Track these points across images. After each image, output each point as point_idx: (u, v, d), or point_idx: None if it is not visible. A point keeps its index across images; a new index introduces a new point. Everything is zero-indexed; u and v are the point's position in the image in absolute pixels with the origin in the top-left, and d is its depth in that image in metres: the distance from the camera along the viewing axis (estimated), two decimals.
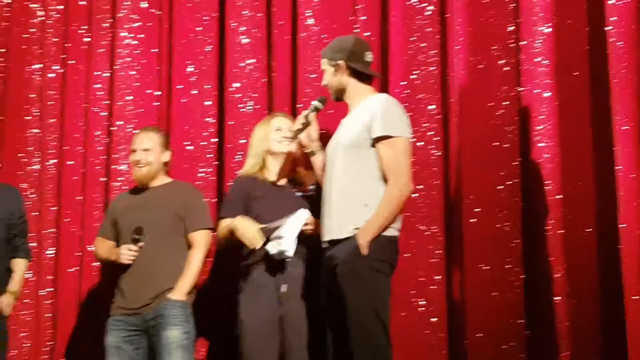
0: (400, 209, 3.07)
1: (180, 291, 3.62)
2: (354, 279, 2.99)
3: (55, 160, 4.47)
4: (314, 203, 3.43)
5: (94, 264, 4.27)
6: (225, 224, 3.56)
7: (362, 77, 3.24)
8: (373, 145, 3.08)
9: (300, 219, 3.35)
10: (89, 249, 4.27)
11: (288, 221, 3.34)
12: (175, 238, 3.71)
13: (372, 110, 3.10)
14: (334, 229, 3.10)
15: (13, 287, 3.83)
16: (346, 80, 3.23)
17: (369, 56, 3.27)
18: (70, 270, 4.30)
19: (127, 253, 3.67)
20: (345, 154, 3.12)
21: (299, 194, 3.55)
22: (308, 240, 3.42)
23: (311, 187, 3.45)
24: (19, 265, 3.87)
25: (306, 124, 3.36)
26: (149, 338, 3.65)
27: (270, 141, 3.60)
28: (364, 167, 3.08)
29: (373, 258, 2.99)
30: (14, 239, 3.86)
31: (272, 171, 3.62)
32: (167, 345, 3.56)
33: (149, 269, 3.65)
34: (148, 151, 3.78)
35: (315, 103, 3.37)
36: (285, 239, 3.32)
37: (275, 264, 3.42)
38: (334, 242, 3.10)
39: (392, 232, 3.08)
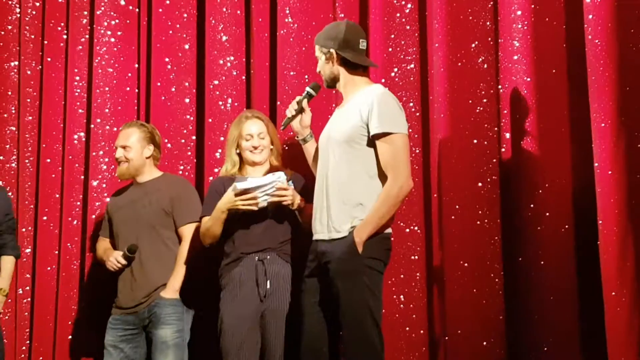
0: (398, 206, 3.06)
1: (172, 288, 3.64)
2: (349, 277, 2.97)
3: (33, 158, 4.44)
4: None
5: (74, 261, 4.25)
6: (206, 219, 3.53)
7: (355, 66, 3.17)
8: (370, 142, 3.05)
9: (274, 178, 3.33)
10: (68, 246, 4.26)
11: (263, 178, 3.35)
12: (165, 233, 3.72)
13: (368, 105, 3.04)
14: (331, 227, 3.06)
15: (1, 284, 3.82)
16: (337, 70, 3.17)
17: (363, 44, 3.18)
18: (48, 268, 4.28)
19: (114, 262, 3.70)
20: (340, 149, 3.08)
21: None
22: (295, 240, 3.43)
23: (289, 183, 3.44)
24: (7, 263, 3.87)
25: (299, 111, 3.30)
26: (146, 335, 3.66)
27: (242, 147, 3.59)
28: (360, 164, 3.05)
29: (369, 256, 2.98)
30: (1, 236, 3.85)
31: (250, 170, 3.61)
32: (160, 344, 3.60)
33: (141, 268, 3.68)
34: (127, 148, 3.78)
35: (308, 89, 3.33)
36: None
37: (257, 263, 3.42)
38: (329, 240, 3.07)
39: (386, 230, 3.07)
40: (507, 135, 3.61)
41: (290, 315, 3.40)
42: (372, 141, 3.04)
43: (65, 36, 4.52)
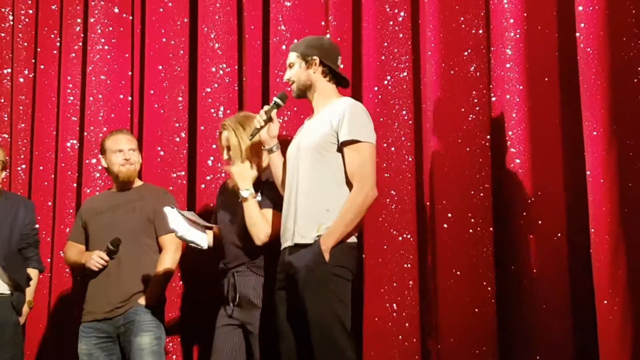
0: (362, 214, 3.08)
1: (151, 296, 3.61)
2: (317, 285, 2.97)
3: (25, 166, 4.44)
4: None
5: (66, 269, 4.25)
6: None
7: (331, 78, 3.25)
8: (339, 150, 3.09)
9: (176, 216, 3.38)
10: (60, 254, 4.25)
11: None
12: (145, 241, 3.71)
13: (339, 114, 3.09)
14: (297, 233, 3.08)
15: (28, 297, 3.85)
16: (315, 78, 3.22)
17: (339, 62, 3.29)
18: (40, 276, 4.26)
19: (97, 260, 3.65)
20: (311, 157, 3.11)
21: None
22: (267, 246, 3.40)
23: (258, 197, 3.44)
24: (33, 276, 3.89)
25: (267, 121, 3.28)
26: (120, 344, 3.63)
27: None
28: (328, 171, 3.08)
29: (335, 264, 2.99)
30: (27, 249, 3.86)
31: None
32: (138, 352, 3.57)
33: (118, 273, 3.65)
34: (133, 151, 3.79)
35: (276, 99, 3.31)
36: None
37: (227, 274, 3.43)
38: (295, 247, 3.07)
39: (352, 238, 3.08)
40: (500, 143, 3.60)
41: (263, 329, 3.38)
42: (340, 149, 3.09)
43: (58, 44, 4.53)
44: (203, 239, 3.43)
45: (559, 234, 3.43)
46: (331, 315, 2.95)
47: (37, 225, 3.99)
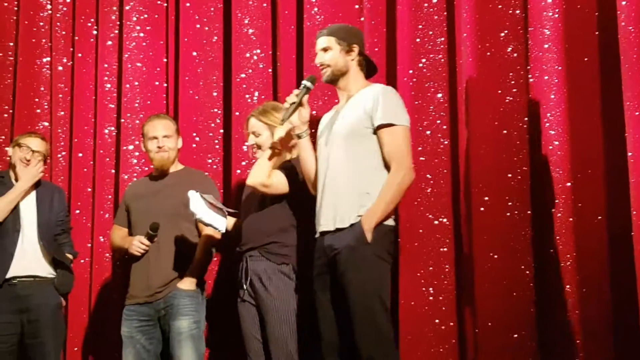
0: (401, 196, 3.08)
1: (190, 280, 3.65)
2: (360, 265, 2.98)
3: (65, 153, 4.50)
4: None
5: (105, 254, 4.31)
6: None
7: (363, 68, 3.27)
8: (374, 134, 3.09)
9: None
10: (100, 239, 4.31)
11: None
12: (184, 225, 3.72)
13: (373, 99, 3.10)
14: (337, 218, 3.07)
15: None
16: (352, 65, 3.24)
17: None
18: (82, 261, 4.33)
19: (138, 245, 3.69)
20: (346, 143, 3.11)
21: None
22: None
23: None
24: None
25: (298, 104, 3.23)
26: (161, 327, 3.68)
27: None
28: (365, 156, 3.08)
29: (377, 245, 3.00)
30: (61, 235, 3.93)
31: None
32: (177, 335, 3.61)
33: (158, 258, 3.69)
34: (168, 137, 3.80)
35: (306, 83, 3.27)
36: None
37: (242, 257, 3.47)
38: (336, 231, 3.07)
39: (390, 221, 3.09)
40: (537, 125, 3.55)
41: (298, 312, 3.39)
42: (375, 133, 3.09)
43: (95, 32, 4.57)
44: (222, 223, 3.44)
45: (599, 217, 3.39)
46: (373, 295, 2.97)
47: (68, 212, 4.07)
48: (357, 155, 3.09)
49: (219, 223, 3.45)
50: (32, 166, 3.81)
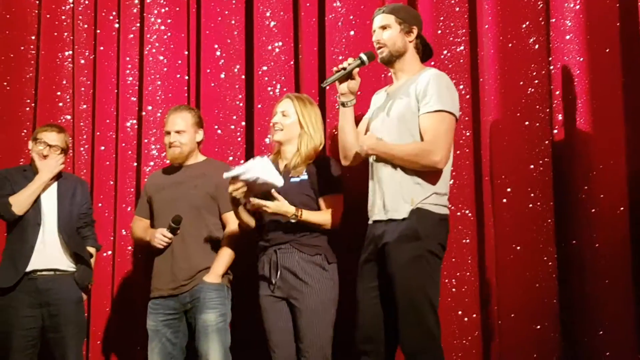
0: (416, 165, 2.99)
1: (216, 273, 3.65)
2: (410, 262, 2.93)
3: (87, 146, 4.52)
4: (304, 188, 3.46)
5: (128, 247, 4.33)
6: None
7: (419, 51, 3.22)
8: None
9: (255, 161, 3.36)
10: (122, 232, 4.34)
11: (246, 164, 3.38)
12: (208, 217, 3.73)
13: (424, 84, 3.04)
14: (389, 208, 3.04)
15: None
16: (409, 47, 3.18)
17: None
18: (104, 254, 4.36)
19: (160, 238, 3.69)
20: (397, 129, 3.07)
21: (296, 179, 3.49)
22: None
23: (303, 176, 3.48)
24: (91, 254, 3.98)
25: (347, 75, 3.19)
26: (187, 320, 3.69)
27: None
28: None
29: (433, 241, 2.96)
30: (84, 228, 3.97)
31: (283, 157, 3.61)
32: (204, 329, 3.61)
33: (183, 250, 3.69)
34: (181, 133, 3.80)
35: (362, 56, 3.22)
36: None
37: (269, 252, 3.47)
38: (388, 221, 3.04)
39: (443, 210, 3.03)
40: (560, 116, 3.55)
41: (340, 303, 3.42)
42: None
43: (117, 25, 4.59)
44: (279, 180, 3.35)
45: (622, 208, 3.39)
46: (422, 294, 2.91)
47: (91, 205, 4.09)
48: (410, 141, 3.04)
49: (277, 180, 3.34)
50: (50, 159, 3.82)
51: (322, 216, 3.45)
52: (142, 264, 4.27)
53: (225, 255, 3.69)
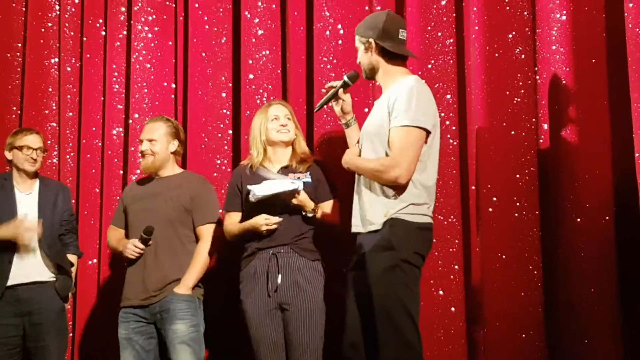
0: (378, 180, 2.98)
1: (186, 285, 3.62)
2: (384, 271, 2.90)
3: (73, 154, 4.51)
4: (309, 190, 3.49)
5: (113, 255, 4.31)
6: (233, 220, 3.60)
7: (394, 56, 3.10)
8: None
9: (289, 185, 3.40)
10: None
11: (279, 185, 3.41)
12: (181, 230, 3.71)
13: (395, 98, 2.99)
14: (366, 220, 3.04)
15: None
16: (376, 60, 3.11)
17: (403, 34, 3.12)
18: (89, 262, 4.34)
19: (132, 249, 3.68)
20: (372, 142, 3.06)
21: (304, 180, 3.53)
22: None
23: (306, 179, 3.50)
24: (72, 262, 3.95)
25: (331, 97, 3.28)
26: (158, 332, 3.67)
27: (268, 130, 3.61)
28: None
29: (406, 250, 2.92)
30: (66, 235, 3.94)
31: (273, 160, 3.63)
32: (173, 340, 3.58)
33: (155, 261, 3.67)
34: (153, 141, 3.79)
35: (345, 78, 3.28)
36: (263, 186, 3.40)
37: (270, 256, 3.46)
38: (367, 233, 3.03)
39: (422, 218, 2.98)
40: (545, 126, 3.58)
41: (327, 308, 3.43)
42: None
43: (103, 32, 4.58)
44: (294, 183, 3.41)
45: (607, 217, 3.40)
46: (397, 303, 2.88)
47: (73, 212, 4.06)
48: (381, 156, 3.01)
49: (294, 184, 3.40)
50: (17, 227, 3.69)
51: (333, 216, 3.52)
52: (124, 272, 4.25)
53: (197, 267, 3.66)
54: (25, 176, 3.88)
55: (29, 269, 3.75)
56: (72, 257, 3.95)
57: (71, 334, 4.35)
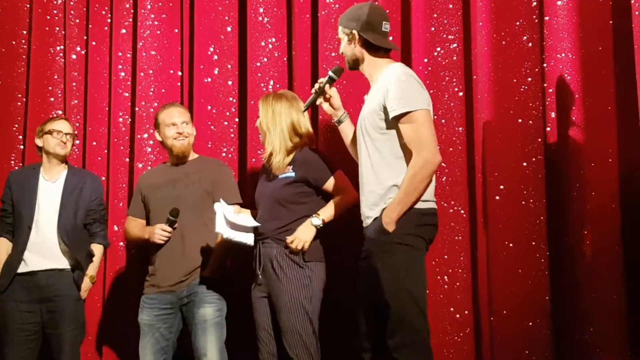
0: (427, 181, 2.95)
1: (212, 268, 3.66)
2: (381, 257, 2.93)
3: (79, 142, 4.51)
4: (290, 185, 3.45)
5: (120, 243, 4.32)
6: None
7: (377, 48, 3.11)
8: (392, 124, 3.00)
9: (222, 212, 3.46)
10: (114, 228, 4.32)
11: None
12: (206, 214, 3.72)
13: (384, 88, 3.00)
14: (369, 211, 3.05)
15: (91, 272, 3.92)
16: (359, 51, 3.12)
17: (386, 26, 3.14)
18: None
19: (160, 233, 3.69)
20: (369, 135, 3.07)
21: (282, 176, 3.48)
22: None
23: (289, 173, 3.48)
24: (97, 251, 3.97)
25: (319, 94, 3.28)
26: (182, 315, 3.70)
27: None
28: (387, 147, 3.02)
29: (402, 233, 2.92)
30: (93, 225, 3.95)
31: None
32: (201, 323, 3.62)
33: (181, 246, 3.69)
34: (187, 123, 3.82)
35: (330, 73, 3.29)
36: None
37: (258, 247, 3.51)
38: (369, 225, 3.06)
39: (424, 204, 2.97)
40: (552, 114, 3.57)
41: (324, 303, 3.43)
42: (394, 123, 2.99)
43: (109, 20, 4.57)
44: (250, 238, 3.49)
45: (613, 205, 3.40)
46: (397, 286, 2.88)
47: (103, 201, 4.06)
48: (380, 147, 3.03)
49: (248, 239, 3.49)
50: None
51: (340, 201, 3.45)
52: (134, 260, 4.27)
53: (222, 250, 3.70)
54: (54, 162, 3.91)
55: (47, 256, 3.78)
56: (97, 247, 3.96)
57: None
